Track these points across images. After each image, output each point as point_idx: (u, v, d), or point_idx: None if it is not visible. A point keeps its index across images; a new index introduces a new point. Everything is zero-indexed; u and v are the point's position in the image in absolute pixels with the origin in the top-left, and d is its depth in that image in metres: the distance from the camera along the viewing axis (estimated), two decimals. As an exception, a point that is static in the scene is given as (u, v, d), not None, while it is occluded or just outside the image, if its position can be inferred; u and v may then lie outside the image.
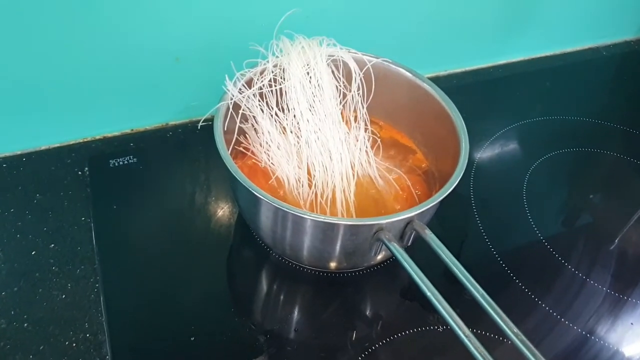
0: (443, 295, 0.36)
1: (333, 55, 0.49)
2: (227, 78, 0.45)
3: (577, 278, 0.50)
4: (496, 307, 0.34)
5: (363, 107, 0.50)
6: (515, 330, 0.32)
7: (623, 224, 0.56)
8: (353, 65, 0.49)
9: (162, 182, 0.54)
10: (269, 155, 0.47)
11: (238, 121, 0.45)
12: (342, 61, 0.49)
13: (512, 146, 0.65)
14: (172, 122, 0.60)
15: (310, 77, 0.47)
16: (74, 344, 0.40)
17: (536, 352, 0.31)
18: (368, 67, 0.50)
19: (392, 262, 0.49)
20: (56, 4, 0.47)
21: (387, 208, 0.48)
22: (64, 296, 0.43)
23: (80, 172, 0.53)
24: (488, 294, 0.48)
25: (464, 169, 0.42)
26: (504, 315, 0.33)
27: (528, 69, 0.79)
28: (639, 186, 0.62)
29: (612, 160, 0.64)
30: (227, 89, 0.45)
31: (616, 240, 0.54)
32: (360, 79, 0.50)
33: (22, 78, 0.50)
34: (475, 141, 0.64)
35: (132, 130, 0.59)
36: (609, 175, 0.63)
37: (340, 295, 0.47)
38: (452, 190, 0.58)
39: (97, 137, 0.57)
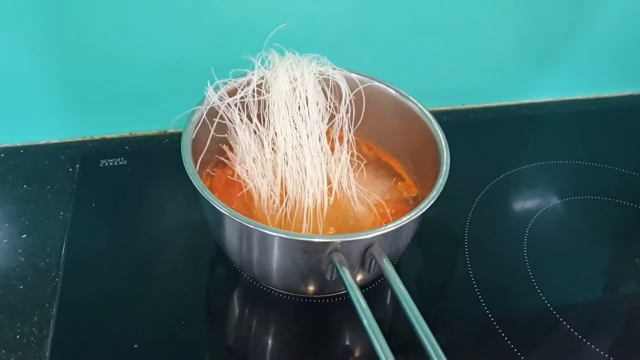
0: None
1: (324, 74, 0.48)
2: (208, 84, 0.45)
3: (573, 337, 0.45)
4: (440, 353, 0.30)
5: (350, 130, 0.49)
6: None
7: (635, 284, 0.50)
8: (344, 86, 0.48)
9: (146, 187, 0.54)
10: (242, 167, 0.46)
11: (212, 130, 0.44)
12: (335, 81, 0.48)
13: (521, 188, 0.60)
14: (170, 130, 0.61)
15: (296, 94, 0.46)
16: (18, 336, 0.40)
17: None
18: (360, 88, 0.48)
19: (377, 286, 0.46)
20: (66, 20, 0.49)
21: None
22: (21, 287, 0.43)
23: (71, 169, 0.54)
24: (467, 342, 0.44)
25: (436, 197, 0.39)
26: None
27: (555, 110, 0.75)
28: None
29: (633, 214, 0.58)
30: (207, 95, 0.45)
31: (623, 300, 0.49)
32: (350, 101, 0.48)
33: (30, 77, 0.52)
34: (481, 179, 0.60)
35: (130, 134, 0.60)
36: (628, 229, 0.57)
37: (306, 321, 0.44)
38: (446, 226, 0.55)
39: (96, 137, 0.59)
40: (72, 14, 0.49)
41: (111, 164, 0.55)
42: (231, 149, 0.48)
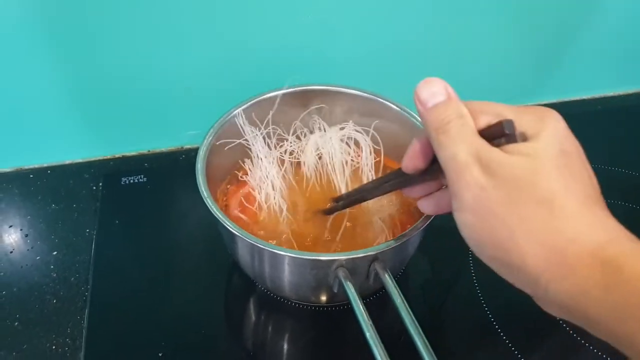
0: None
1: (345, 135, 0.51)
2: (239, 113, 0.48)
3: (573, 340, 0.47)
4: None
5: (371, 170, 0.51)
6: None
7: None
8: (364, 144, 0.50)
9: (165, 202, 0.57)
10: (256, 182, 0.48)
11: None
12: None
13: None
14: (186, 146, 0.64)
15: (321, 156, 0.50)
16: (54, 347, 0.44)
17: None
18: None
19: (384, 293, 0.48)
20: (88, 47, 0.52)
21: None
22: (55, 301, 0.47)
23: (94, 187, 0.58)
24: (469, 346, 0.47)
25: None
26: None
27: (560, 112, 0.75)
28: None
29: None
30: (239, 124, 0.48)
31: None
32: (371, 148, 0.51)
33: (55, 102, 0.56)
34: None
35: (149, 151, 0.63)
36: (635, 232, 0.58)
37: (319, 327, 0.47)
38: (451, 232, 0.57)
39: (117, 155, 0.62)
40: (93, 41, 0.52)
41: (131, 181, 0.58)
42: (245, 165, 0.50)
